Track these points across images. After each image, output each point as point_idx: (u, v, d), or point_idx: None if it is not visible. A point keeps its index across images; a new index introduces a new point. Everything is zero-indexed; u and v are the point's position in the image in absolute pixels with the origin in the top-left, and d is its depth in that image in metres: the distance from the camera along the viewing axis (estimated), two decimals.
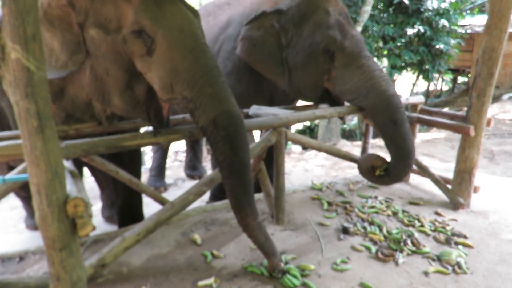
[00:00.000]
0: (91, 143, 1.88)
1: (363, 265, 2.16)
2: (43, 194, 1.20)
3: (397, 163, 2.56)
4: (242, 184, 1.78)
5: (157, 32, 1.77)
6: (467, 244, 2.38)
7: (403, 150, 2.50)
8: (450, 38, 8.24)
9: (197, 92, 1.75)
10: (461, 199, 2.91)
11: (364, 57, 2.59)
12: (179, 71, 1.77)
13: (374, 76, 2.53)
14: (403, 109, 2.53)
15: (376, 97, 2.52)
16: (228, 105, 1.75)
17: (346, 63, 2.60)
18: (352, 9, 7.48)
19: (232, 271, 2.08)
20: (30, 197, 1.39)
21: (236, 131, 1.74)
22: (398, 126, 2.47)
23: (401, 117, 2.48)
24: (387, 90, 2.51)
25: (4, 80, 1.16)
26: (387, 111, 2.50)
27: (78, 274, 1.33)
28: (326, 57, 2.63)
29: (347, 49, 2.59)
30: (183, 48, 1.77)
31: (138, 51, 1.82)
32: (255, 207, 1.86)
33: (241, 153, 1.75)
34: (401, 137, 2.48)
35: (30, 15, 1.09)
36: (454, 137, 6.89)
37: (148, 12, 1.77)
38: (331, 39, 2.58)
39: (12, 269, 2.12)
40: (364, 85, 2.55)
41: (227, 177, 1.79)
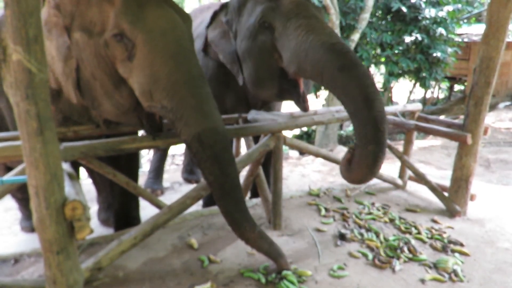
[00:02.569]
0: (90, 145, 1.88)
1: (360, 271, 2.16)
2: (41, 196, 1.20)
3: (360, 124, 1.88)
4: (236, 202, 1.73)
5: (137, 36, 1.69)
6: (463, 252, 2.38)
7: (356, 97, 1.86)
8: (447, 47, 8.32)
9: (178, 103, 1.65)
10: (457, 206, 2.92)
11: (303, 17, 2.16)
12: (159, 78, 1.67)
13: (312, 33, 2.06)
14: (352, 53, 1.98)
15: (316, 53, 2.00)
16: (213, 121, 1.66)
17: (285, 30, 2.19)
18: (351, 16, 7.56)
19: (229, 276, 2.07)
20: (26, 198, 1.38)
21: (223, 150, 1.66)
22: (346, 71, 1.90)
23: (349, 61, 1.93)
24: (327, 40, 2.00)
25: (5, 81, 1.17)
26: (330, 61, 1.95)
27: (75, 278, 1.33)
28: (266, 32, 2.29)
29: (283, 13, 2.22)
30: (164, 54, 1.68)
31: (119, 55, 1.74)
32: (251, 219, 1.81)
33: (231, 173, 1.68)
34: (353, 82, 1.88)
35: (32, 17, 1.10)
36: (450, 145, 6.93)
37: (128, 15, 1.69)
38: (265, 9, 2.28)
39: (7, 271, 2.10)
40: (302, 47, 2.07)
41: (220, 198, 1.74)
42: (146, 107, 1.79)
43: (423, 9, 7.89)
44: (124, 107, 1.90)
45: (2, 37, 1.17)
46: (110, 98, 1.88)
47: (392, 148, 3.30)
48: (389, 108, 3.29)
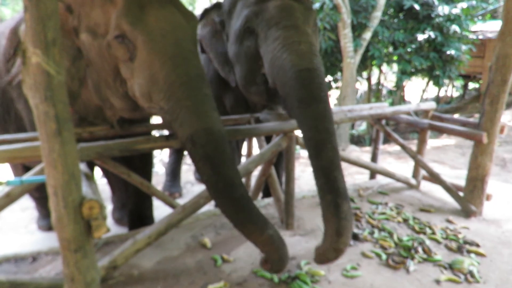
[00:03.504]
0: (105, 146, 1.91)
1: (373, 272, 2.15)
2: (59, 195, 1.22)
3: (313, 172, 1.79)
4: (232, 202, 1.64)
5: (137, 37, 1.69)
6: (479, 253, 2.34)
7: (309, 141, 1.79)
8: (461, 44, 8.18)
9: (174, 104, 1.64)
10: (473, 206, 2.87)
11: (283, 27, 1.99)
12: (157, 80, 1.67)
13: (286, 50, 1.90)
14: (316, 85, 1.81)
15: (284, 76, 1.88)
16: (206, 122, 1.62)
17: (265, 38, 2.07)
18: (362, 14, 7.49)
19: (242, 275, 2.08)
20: (43, 197, 1.41)
21: (215, 150, 1.61)
22: (303, 106, 1.78)
23: (308, 94, 1.78)
24: (296, 64, 1.85)
25: (25, 83, 1.20)
26: (292, 89, 1.84)
27: (92, 276, 1.35)
28: (250, 38, 2.18)
29: (265, 20, 2.08)
30: (163, 55, 1.67)
31: (121, 56, 1.75)
32: (258, 220, 1.68)
33: (223, 171, 1.61)
34: (307, 122, 1.78)
35: (50, 20, 1.12)
36: (464, 144, 6.82)
37: (129, 17, 1.69)
38: (249, 14, 2.16)
39: (25, 269, 2.15)
40: (276, 64, 1.95)
41: (215, 197, 1.68)
42: (146, 108, 1.81)
43: (436, 6, 7.78)
44: (133, 104, 1.91)
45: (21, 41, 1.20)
46: (120, 97, 1.91)
47: (405, 147, 3.27)
48: (403, 107, 3.26)
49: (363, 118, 3.04)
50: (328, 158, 1.75)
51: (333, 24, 7.15)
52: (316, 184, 1.80)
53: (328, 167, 1.74)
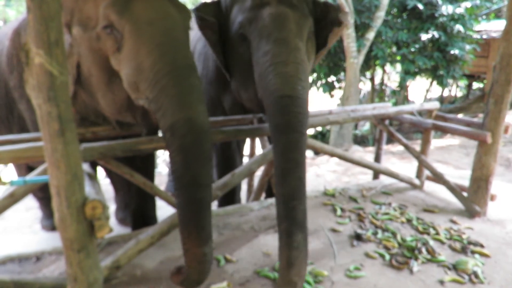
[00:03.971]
0: (108, 146, 1.91)
1: (377, 272, 2.14)
2: (62, 195, 1.23)
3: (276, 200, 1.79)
4: (189, 201, 1.54)
5: (125, 26, 1.66)
6: (484, 253, 2.33)
7: (275, 169, 1.78)
8: (465, 44, 8.14)
9: (158, 93, 1.59)
10: (477, 207, 2.86)
11: (274, 41, 1.92)
12: (144, 69, 1.63)
13: (272, 71, 1.86)
14: (294, 113, 1.78)
15: (266, 99, 1.88)
16: (189, 111, 1.54)
17: (257, 49, 2.01)
18: (365, 14, 7.48)
19: (245, 276, 2.08)
20: (47, 197, 1.41)
21: (192, 142, 1.52)
22: (277, 133, 1.78)
23: (284, 122, 1.77)
24: (277, 89, 1.81)
25: (28, 84, 1.20)
26: (270, 115, 1.84)
27: (95, 276, 1.35)
28: (244, 44, 2.13)
29: (258, 31, 2.02)
30: (150, 44, 1.62)
31: (110, 47, 1.72)
32: (203, 233, 1.54)
33: (193, 167, 1.52)
34: (277, 149, 1.77)
35: (53, 21, 1.13)
36: (469, 144, 6.78)
37: (116, 6, 1.67)
38: (244, 21, 2.10)
39: (29, 269, 2.16)
40: (262, 83, 1.92)
41: (176, 189, 1.57)
42: (134, 99, 1.76)
43: (439, 6, 7.75)
44: (117, 104, 1.89)
45: (24, 41, 1.20)
46: (105, 94, 1.88)
47: (409, 147, 3.26)
48: (406, 107, 3.25)
49: (366, 118, 3.04)
50: (290, 187, 1.71)
51: None
52: (276, 213, 1.75)
53: (289, 195, 1.70)
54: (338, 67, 8.40)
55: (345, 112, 2.96)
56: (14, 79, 2.31)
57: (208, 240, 1.57)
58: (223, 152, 3.05)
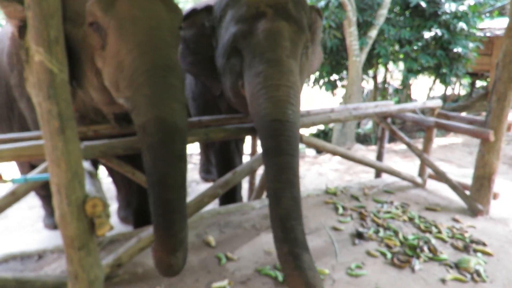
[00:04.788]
0: (109, 144, 1.92)
1: (378, 271, 2.13)
2: (63, 193, 1.23)
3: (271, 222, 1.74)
4: (160, 203, 1.50)
5: (109, 23, 1.64)
6: (486, 252, 2.32)
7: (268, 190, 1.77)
8: (468, 42, 8.09)
9: (134, 91, 1.57)
10: (479, 205, 2.84)
11: (267, 60, 1.90)
12: (124, 67, 1.60)
13: (264, 94, 1.86)
14: (285, 137, 1.78)
15: (258, 122, 1.89)
16: (161, 110, 1.51)
17: (249, 66, 1.99)
18: (368, 12, 7.45)
19: (246, 274, 2.08)
20: (49, 196, 1.41)
21: (161, 141, 1.49)
22: (269, 157, 1.78)
23: (275, 146, 1.77)
24: (269, 114, 1.81)
25: (28, 81, 1.20)
26: (262, 139, 1.85)
27: (96, 273, 1.36)
28: (236, 57, 2.09)
29: (251, 48, 1.98)
30: (131, 42, 1.60)
31: (96, 45, 1.69)
32: (172, 241, 1.50)
33: (161, 167, 1.49)
34: (270, 171, 1.77)
35: (53, 19, 1.13)
36: (472, 142, 6.74)
37: (102, 3, 1.64)
38: (237, 34, 2.05)
39: (31, 267, 2.17)
40: (253, 104, 1.92)
41: (148, 187, 1.54)
42: (115, 97, 1.74)
43: (442, 3, 7.70)
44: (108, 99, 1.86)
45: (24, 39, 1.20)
46: (97, 90, 1.86)
47: (411, 146, 3.24)
48: (408, 105, 3.23)
49: (368, 116, 3.02)
50: (285, 207, 1.67)
51: (339, 22, 7.12)
52: (273, 234, 1.70)
53: (285, 216, 1.66)
54: (340, 66, 8.37)
55: (347, 110, 2.94)
56: (14, 77, 2.31)
57: (176, 251, 1.52)
58: (222, 153, 3.05)
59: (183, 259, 1.58)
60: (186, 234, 1.58)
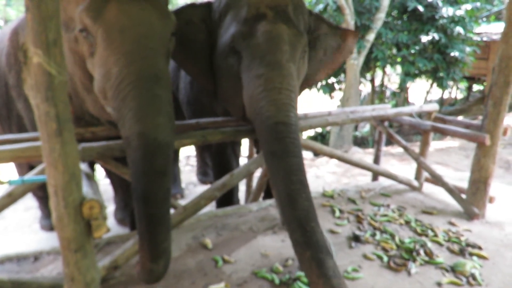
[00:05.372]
0: (106, 146, 1.91)
1: (374, 274, 2.14)
2: (60, 195, 1.23)
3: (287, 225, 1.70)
4: (143, 216, 1.52)
5: (98, 32, 1.63)
6: (482, 256, 2.33)
7: (280, 193, 1.73)
8: (465, 46, 8.15)
9: (119, 103, 1.57)
10: (475, 209, 2.86)
11: (267, 64, 1.90)
12: (111, 77, 1.59)
13: (266, 96, 1.85)
14: (290, 139, 1.78)
15: (260, 124, 1.86)
16: (144, 126, 1.51)
17: (248, 68, 1.98)
18: (366, 16, 7.49)
19: (242, 277, 2.08)
20: (47, 197, 1.41)
21: (142, 157, 1.50)
22: (276, 160, 1.75)
23: (282, 148, 1.75)
24: (272, 116, 1.81)
25: (26, 83, 1.20)
26: (266, 141, 1.82)
27: (92, 275, 1.35)
28: (235, 57, 2.07)
29: (250, 49, 1.97)
30: (118, 51, 1.59)
31: (86, 51, 1.69)
32: (155, 251, 1.53)
33: (143, 182, 1.50)
34: (279, 174, 1.73)
35: (52, 21, 1.13)
36: (468, 146, 6.78)
37: (91, 10, 1.63)
38: (237, 35, 2.03)
39: (27, 268, 2.16)
40: (254, 106, 1.90)
41: (133, 201, 1.56)
42: (104, 105, 1.74)
43: (440, 8, 7.76)
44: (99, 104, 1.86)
45: (23, 40, 1.20)
46: (88, 96, 1.87)
47: (408, 149, 3.26)
48: (405, 109, 3.25)
49: (365, 120, 3.04)
50: (303, 209, 1.64)
51: None
52: (291, 238, 1.66)
53: (304, 217, 1.62)
54: (338, 69, 8.40)
55: (344, 113, 2.96)
56: (12, 77, 2.31)
57: (158, 259, 1.54)
58: (219, 156, 3.05)
59: (164, 266, 1.59)
60: (169, 244, 1.59)
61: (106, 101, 1.69)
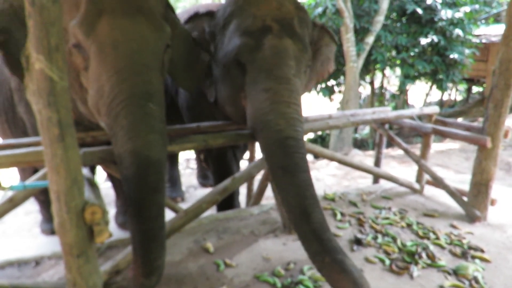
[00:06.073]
0: (108, 150, 1.91)
1: (376, 277, 2.13)
2: (62, 201, 1.23)
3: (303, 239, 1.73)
4: (137, 232, 1.53)
5: (90, 47, 1.62)
6: (484, 258, 2.32)
7: (294, 208, 1.74)
8: (464, 48, 8.16)
9: (112, 120, 1.58)
10: (477, 211, 2.85)
11: (275, 78, 1.92)
12: (103, 93, 1.59)
13: (275, 110, 1.87)
14: (300, 155, 1.82)
15: (268, 137, 1.87)
16: (136, 144, 1.51)
17: (254, 81, 1.99)
18: (365, 19, 7.51)
19: (244, 280, 2.08)
20: (48, 201, 1.41)
21: (135, 175, 1.51)
22: (288, 175, 1.77)
23: (293, 163, 1.78)
24: (282, 130, 1.83)
25: (28, 89, 1.20)
26: (276, 156, 1.83)
27: (94, 281, 1.35)
28: (239, 69, 2.07)
29: (257, 63, 1.99)
30: (110, 68, 1.58)
31: (79, 65, 1.69)
32: (147, 267, 1.53)
33: (136, 199, 1.51)
34: (291, 190, 1.75)
35: (54, 27, 1.13)
36: (469, 148, 6.78)
37: (84, 26, 1.61)
38: (242, 47, 2.03)
39: (28, 273, 2.15)
40: (261, 119, 1.90)
41: (128, 216, 1.59)
42: (97, 120, 1.75)
43: (439, 10, 7.78)
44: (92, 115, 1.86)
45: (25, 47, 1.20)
46: (83, 102, 1.87)
47: (409, 152, 3.26)
48: (406, 112, 3.25)
49: (366, 123, 3.04)
50: (318, 221, 1.69)
51: (336, 29, 7.17)
52: (308, 250, 1.71)
53: (320, 229, 1.68)
54: (337, 71, 8.41)
55: (345, 116, 2.96)
56: (14, 81, 2.32)
57: (150, 275, 1.54)
58: (219, 162, 3.04)
59: (156, 281, 1.59)
60: (163, 261, 1.59)
61: (100, 117, 1.70)
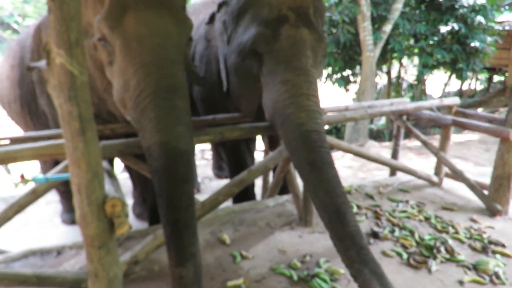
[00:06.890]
0: (126, 143, 1.93)
1: (394, 271, 2.12)
2: (83, 193, 1.24)
3: (338, 241, 1.68)
4: (168, 222, 1.54)
5: (116, 42, 1.64)
6: (505, 253, 2.28)
7: (327, 206, 1.70)
8: (486, 36, 7.88)
9: (139, 114, 1.60)
10: (498, 205, 2.79)
11: (293, 69, 1.90)
12: (129, 88, 1.62)
13: (295, 103, 1.84)
14: (325, 149, 1.78)
15: (290, 131, 1.84)
16: (164, 135, 1.54)
17: (271, 72, 1.96)
18: (382, 6, 7.32)
19: (261, 273, 2.09)
20: (69, 191, 1.45)
21: (165, 166, 1.53)
22: (316, 170, 1.73)
23: (320, 158, 1.75)
24: (304, 123, 1.80)
25: (49, 83, 1.22)
26: (302, 151, 1.79)
27: (115, 272, 1.37)
28: (255, 59, 2.05)
29: (274, 53, 1.96)
30: (136, 62, 1.60)
31: (105, 59, 1.73)
32: (180, 252, 1.53)
33: (166, 190, 1.53)
34: (322, 186, 1.71)
35: (74, 21, 1.13)
36: (488, 140, 6.62)
37: (109, 20, 1.63)
38: (259, 37, 2.00)
39: (50, 263, 2.21)
40: (280, 112, 1.88)
41: (158, 207, 1.59)
42: (123, 114, 1.77)
43: None
44: None
45: (45, 38, 1.22)
46: (108, 98, 1.90)
47: (427, 144, 3.19)
48: (425, 103, 3.18)
49: (384, 114, 2.98)
50: (353, 224, 1.66)
51: (352, 17, 7.03)
52: (344, 254, 1.65)
53: (357, 234, 1.64)
54: (353, 61, 8.26)
55: (362, 108, 2.91)
56: (35, 74, 2.37)
57: (185, 262, 1.54)
58: (233, 154, 3.05)
59: (195, 272, 1.57)
60: (197, 249, 1.59)
61: (125, 110, 1.72)
